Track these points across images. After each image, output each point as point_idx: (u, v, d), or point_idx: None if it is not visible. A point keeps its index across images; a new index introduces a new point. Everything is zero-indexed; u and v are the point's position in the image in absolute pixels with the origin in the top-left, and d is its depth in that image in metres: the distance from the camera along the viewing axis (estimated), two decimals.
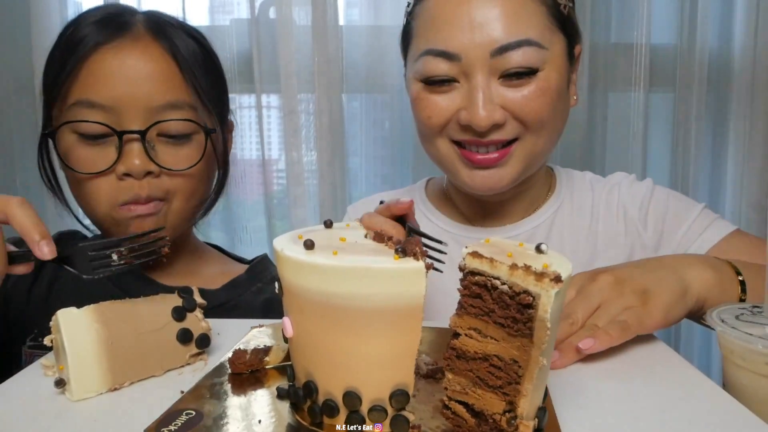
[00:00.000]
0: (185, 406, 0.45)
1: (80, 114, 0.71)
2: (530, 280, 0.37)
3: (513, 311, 0.39)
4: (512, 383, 0.39)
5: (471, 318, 0.41)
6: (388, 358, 0.40)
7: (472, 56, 0.71)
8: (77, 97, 0.71)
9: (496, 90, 0.72)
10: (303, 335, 0.42)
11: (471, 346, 0.41)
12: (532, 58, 0.71)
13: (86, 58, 0.71)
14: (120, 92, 0.71)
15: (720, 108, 1.43)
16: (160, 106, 0.72)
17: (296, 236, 0.44)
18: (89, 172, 0.72)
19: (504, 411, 0.39)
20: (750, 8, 1.34)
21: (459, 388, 0.41)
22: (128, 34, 0.73)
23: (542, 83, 0.72)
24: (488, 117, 0.71)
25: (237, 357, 0.52)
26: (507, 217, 0.87)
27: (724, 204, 1.46)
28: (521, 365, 0.39)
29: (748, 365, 0.51)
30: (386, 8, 1.38)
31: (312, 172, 1.42)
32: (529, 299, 0.37)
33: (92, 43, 0.71)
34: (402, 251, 0.39)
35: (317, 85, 1.35)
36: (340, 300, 0.38)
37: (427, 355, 0.54)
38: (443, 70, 0.73)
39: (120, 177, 0.72)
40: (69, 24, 0.75)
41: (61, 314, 0.49)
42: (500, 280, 0.39)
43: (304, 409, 0.43)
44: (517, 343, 0.39)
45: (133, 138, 0.71)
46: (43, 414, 0.46)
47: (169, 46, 0.75)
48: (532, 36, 0.71)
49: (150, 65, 0.73)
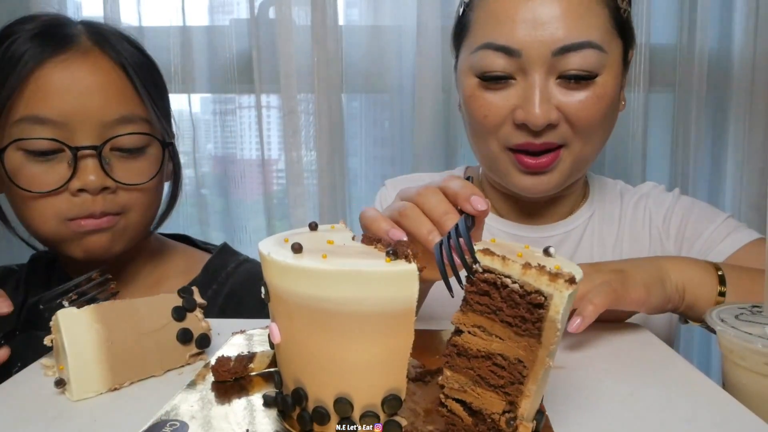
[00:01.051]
0: (169, 417, 0.44)
1: (28, 130, 0.68)
2: (543, 280, 0.37)
3: (522, 310, 0.38)
4: (515, 383, 0.39)
5: (476, 315, 0.41)
6: (380, 362, 0.39)
7: (533, 53, 0.70)
8: (23, 113, 0.69)
9: (553, 90, 0.72)
10: (291, 341, 0.41)
11: (474, 344, 0.41)
12: (592, 62, 0.70)
13: (31, 73, 0.68)
14: (71, 107, 0.69)
15: (720, 108, 1.43)
16: (113, 120, 0.71)
17: (282, 239, 0.43)
18: (41, 191, 0.70)
19: (503, 411, 0.39)
20: (750, 9, 1.34)
21: (457, 386, 0.41)
22: (75, 47, 0.71)
23: (599, 90, 0.72)
24: (544, 115, 0.70)
25: (220, 364, 0.51)
26: (541, 218, 0.88)
27: (724, 204, 1.46)
28: (526, 365, 0.38)
29: (748, 365, 0.51)
30: (386, 8, 1.38)
31: (312, 172, 1.42)
32: (541, 299, 0.37)
33: (38, 58, 0.69)
34: (393, 253, 0.39)
35: (317, 85, 1.35)
36: (330, 304, 0.38)
37: (414, 358, 0.53)
38: (501, 65, 0.72)
39: (74, 193, 0.70)
40: (1, 37, 0.72)
41: (61, 314, 0.49)
42: (511, 279, 0.39)
43: (293, 416, 0.42)
44: (524, 342, 0.39)
45: (88, 154, 0.70)
46: (43, 414, 0.46)
47: (117, 58, 0.73)
48: (595, 38, 0.70)
49: (101, 78, 0.71)
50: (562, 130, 0.73)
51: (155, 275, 0.86)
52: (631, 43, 0.78)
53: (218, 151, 1.48)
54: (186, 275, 0.86)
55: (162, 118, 0.78)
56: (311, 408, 0.41)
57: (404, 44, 1.38)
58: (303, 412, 0.41)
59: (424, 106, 1.36)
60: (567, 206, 0.88)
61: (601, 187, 0.92)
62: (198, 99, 1.46)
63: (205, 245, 0.95)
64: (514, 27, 0.70)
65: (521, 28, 0.70)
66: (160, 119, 0.77)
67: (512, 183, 0.79)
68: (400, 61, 1.39)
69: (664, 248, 0.85)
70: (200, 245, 0.95)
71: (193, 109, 1.41)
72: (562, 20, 0.69)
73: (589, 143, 0.76)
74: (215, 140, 1.48)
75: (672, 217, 0.86)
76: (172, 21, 1.36)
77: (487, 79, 0.74)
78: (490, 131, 0.77)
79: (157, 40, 1.33)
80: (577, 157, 0.76)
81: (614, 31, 0.73)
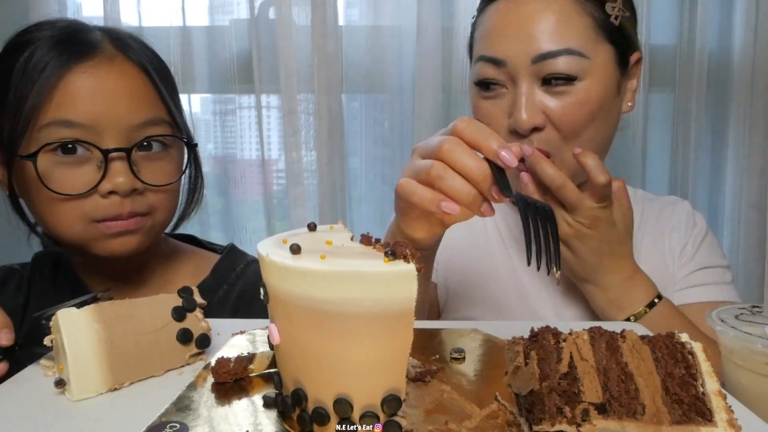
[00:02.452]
0: (169, 419, 0.44)
1: (57, 134, 0.69)
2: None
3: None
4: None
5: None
6: (379, 363, 0.39)
7: (515, 62, 0.76)
8: (52, 117, 0.69)
9: (539, 96, 0.76)
10: (290, 342, 0.41)
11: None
12: (572, 66, 0.74)
13: (59, 79, 0.69)
14: (99, 111, 0.70)
15: (720, 108, 1.43)
16: (140, 123, 0.73)
17: (280, 240, 0.43)
18: (72, 194, 0.70)
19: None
20: (750, 8, 1.34)
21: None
22: (100, 53, 0.72)
23: (581, 95, 0.75)
24: (529, 120, 0.75)
25: (220, 366, 0.50)
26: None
27: (724, 204, 1.46)
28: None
29: (748, 365, 0.51)
30: (386, 8, 1.38)
31: (312, 172, 1.42)
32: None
33: (65, 64, 0.70)
34: (392, 254, 0.38)
35: (317, 85, 1.35)
36: (329, 305, 0.38)
37: (414, 358, 0.53)
38: (492, 74, 0.78)
39: (103, 195, 0.71)
40: (17, 45, 0.73)
41: (61, 314, 0.49)
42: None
43: (293, 417, 0.42)
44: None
45: (118, 156, 0.71)
46: (43, 414, 0.46)
47: (140, 63, 0.75)
48: (573, 45, 0.74)
49: (127, 83, 0.73)
50: (550, 135, 0.77)
51: (166, 276, 0.86)
52: (629, 47, 0.80)
53: (218, 151, 1.48)
54: (195, 276, 0.86)
55: (181, 121, 0.80)
56: (311, 409, 0.41)
57: (404, 44, 1.38)
58: (303, 412, 0.41)
59: (424, 106, 1.36)
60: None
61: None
62: (198, 99, 1.46)
63: (211, 245, 0.95)
64: (500, 40, 0.78)
65: (506, 40, 0.77)
66: (183, 121, 0.80)
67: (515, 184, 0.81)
68: (400, 61, 1.40)
69: (673, 260, 0.88)
70: (207, 246, 0.95)
71: (193, 109, 1.41)
72: (542, 31, 0.75)
73: (577, 146, 0.77)
74: (215, 140, 1.48)
75: (686, 238, 0.89)
76: (172, 21, 1.36)
77: (483, 86, 0.80)
78: None
79: (157, 41, 1.31)
80: (573, 162, 0.77)
81: (599, 38, 0.76)
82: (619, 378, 0.39)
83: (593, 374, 0.39)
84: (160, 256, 0.86)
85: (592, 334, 0.41)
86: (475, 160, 0.54)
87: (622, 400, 0.38)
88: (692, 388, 0.39)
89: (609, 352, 0.40)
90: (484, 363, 0.55)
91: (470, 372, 0.52)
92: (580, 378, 0.38)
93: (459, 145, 0.55)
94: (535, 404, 0.39)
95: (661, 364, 0.40)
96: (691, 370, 0.40)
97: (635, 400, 0.38)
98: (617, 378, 0.39)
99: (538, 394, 0.39)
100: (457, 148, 0.55)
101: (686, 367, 0.40)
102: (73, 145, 0.69)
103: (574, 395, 0.38)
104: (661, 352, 0.41)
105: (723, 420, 0.38)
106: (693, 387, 0.39)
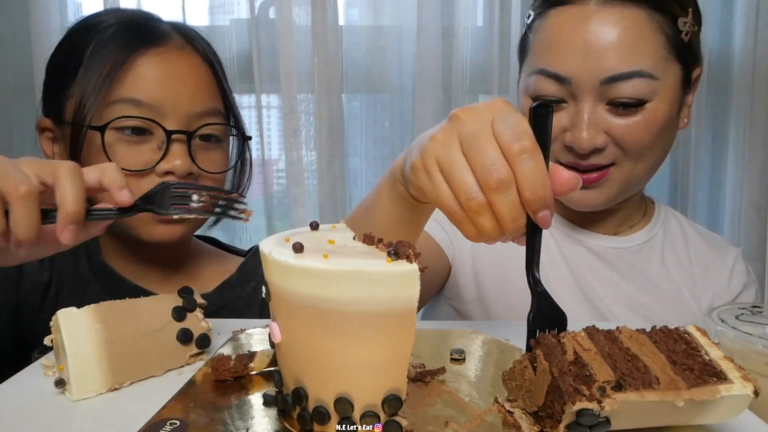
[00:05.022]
0: (169, 416, 0.44)
1: (124, 111, 0.71)
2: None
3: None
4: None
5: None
6: (380, 362, 0.39)
7: (581, 81, 0.71)
8: (120, 95, 0.71)
9: (602, 115, 0.73)
10: (292, 341, 0.41)
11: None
12: (642, 90, 0.71)
13: (131, 60, 0.72)
14: (165, 94, 0.72)
15: (720, 108, 1.43)
16: (200, 112, 0.75)
17: (283, 239, 0.43)
18: (134, 170, 0.71)
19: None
20: (750, 8, 1.34)
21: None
22: (171, 41, 0.76)
23: (649, 115, 0.72)
24: (590, 140, 0.72)
25: (220, 363, 0.50)
26: (595, 226, 0.88)
27: (724, 204, 1.46)
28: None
29: (748, 365, 0.51)
30: (386, 8, 1.38)
31: (312, 172, 1.42)
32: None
33: (137, 47, 0.73)
34: (395, 253, 0.39)
35: (317, 85, 1.35)
36: (331, 304, 0.38)
37: (415, 358, 0.53)
38: (552, 90, 0.74)
39: (160, 175, 0.73)
40: (87, 27, 0.75)
41: (61, 314, 0.49)
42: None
43: (293, 416, 0.42)
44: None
45: (179, 138, 0.73)
46: (43, 414, 0.46)
47: (206, 56, 0.79)
48: (645, 67, 0.70)
49: (194, 72, 0.76)
50: (610, 152, 0.74)
51: (192, 273, 0.87)
52: (695, 63, 0.78)
53: None
54: (221, 275, 0.87)
55: (236, 114, 0.83)
56: (311, 407, 0.41)
57: (404, 44, 1.38)
58: (303, 411, 0.41)
59: (424, 106, 1.36)
60: (621, 218, 0.88)
61: (666, 218, 0.92)
62: None
63: (234, 249, 0.97)
64: (565, 55, 0.72)
65: (571, 56, 0.71)
66: (236, 115, 0.83)
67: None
68: (400, 61, 1.39)
69: (693, 294, 0.86)
70: (230, 249, 0.97)
71: None
72: (612, 49, 0.70)
73: (640, 163, 0.76)
74: None
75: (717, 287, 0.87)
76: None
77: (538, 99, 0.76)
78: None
79: None
80: (628, 175, 0.76)
81: (671, 57, 0.73)
82: (625, 359, 0.40)
83: (600, 359, 0.39)
84: (189, 252, 0.88)
85: (589, 331, 0.42)
86: (517, 214, 0.45)
87: (635, 376, 0.38)
88: (698, 357, 0.40)
89: (609, 342, 0.41)
90: (484, 364, 0.55)
91: (470, 373, 0.52)
92: (589, 363, 0.39)
93: (510, 189, 0.44)
94: (555, 401, 0.38)
95: (661, 345, 0.41)
96: (692, 344, 0.41)
97: (647, 374, 0.38)
98: (623, 359, 0.40)
99: (554, 388, 0.38)
100: (509, 191, 0.44)
101: (686, 343, 0.41)
102: (140, 122, 0.71)
103: (587, 377, 0.38)
104: (658, 337, 0.42)
105: (737, 377, 0.38)
106: (698, 356, 0.40)
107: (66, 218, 0.47)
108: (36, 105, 0.79)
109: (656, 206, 0.94)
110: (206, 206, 0.53)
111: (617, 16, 0.70)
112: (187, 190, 0.53)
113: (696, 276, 0.87)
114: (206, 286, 0.84)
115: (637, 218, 0.91)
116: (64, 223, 0.47)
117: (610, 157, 0.75)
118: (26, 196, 0.45)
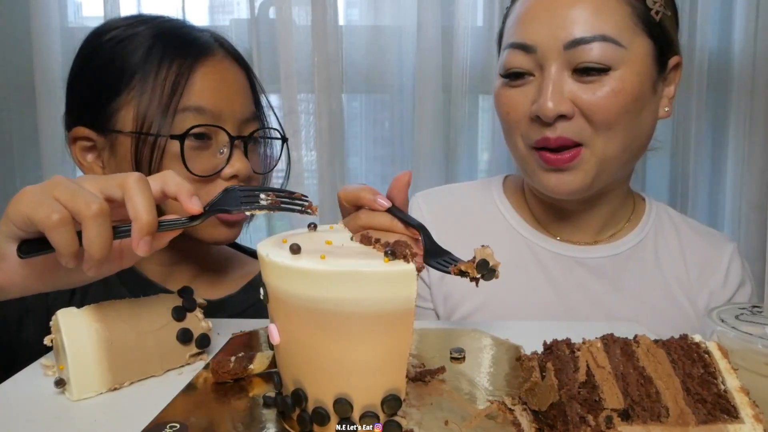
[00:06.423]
0: (169, 419, 0.44)
1: (191, 119, 0.73)
2: None
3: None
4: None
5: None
6: (379, 363, 0.39)
7: (546, 47, 0.73)
8: (186, 103, 0.73)
9: (568, 84, 0.73)
10: (290, 342, 0.41)
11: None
12: (606, 55, 0.71)
13: (192, 71, 0.74)
14: (223, 102, 0.75)
15: (720, 108, 1.43)
16: (247, 118, 0.78)
17: (280, 240, 0.43)
18: (204, 175, 0.73)
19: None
20: (750, 8, 1.34)
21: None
22: (218, 51, 0.78)
23: (616, 84, 0.72)
24: (555, 107, 0.72)
25: (220, 365, 0.50)
26: (580, 230, 0.86)
27: (724, 204, 1.46)
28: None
29: (748, 365, 0.50)
30: (386, 8, 1.38)
31: (312, 172, 1.42)
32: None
33: (198, 57, 0.74)
34: (392, 253, 0.39)
35: (317, 85, 1.35)
36: (329, 305, 0.38)
37: (414, 358, 0.53)
38: (519, 62, 0.75)
39: (226, 180, 0.75)
40: (122, 38, 0.75)
41: (61, 314, 0.49)
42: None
43: (293, 417, 0.42)
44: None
45: (237, 144, 0.76)
46: (43, 414, 0.46)
47: (243, 65, 0.82)
48: (608, 32, 0.71)
49: (239, 80, 0.80)
50: (579, 126, 0.73)
51: (218, 275, 0.88)
52: (670, 49, 0.77)
53: None
54: (245, 276, 0.89)
55: (264, 117, 0.86)
56: (311, 408, 0.41)
57: (404, 44, 1.38)
58: (303, 412, 0.41)
59: (424, 106, 1.36)
60: (604, 219, 0.86)
61: (659, 216, 0.90)
62: None
63: (250, 250, 0.98)
64: (531, 25, 0.75)
65: (537, 25, 0.74)
66: (265, 117, 0.86)
67: (538, 181, 0.79)
68: (400, 61, 1.39)
69: (684, 293, 0.85)
70: (247, 250, 0.98)
71: None
72: (576, 17, 0.72)
73: (612, 142, 0.74)
74: None
75: (712, 287, 0.86)
76: None
77: (509, 76, 0.77)
78: (513, 128, 0.79)
79: None
80: (601, 157, 0.75)
81: (638, 29, 0.73)
82: (638, 382, 0.39)
83: (612, 381, 0.38)
84: (213, 255, 0.89)
85: (606, 342, 0.41)
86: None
87: (645, 404, 0.37)
88: (713, 387, 0.39)
89: (625, 357, 0.40)
90: (484, 363, 0.55)
91: (470, 372, 0.52)
92: (599, 385, 0.38)
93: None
94: (557, 417, 0.38)
95: (678, 365, 0.40)
96: (710, 368, 0.39)
97: (657, 403, 0.37)
98: (636, 382, 0.39)
99: (559, 405, 0.38)
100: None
101: (704, 366, 0.40)
102: (207, 130, 0.73)
103: (595, 403, 0.37)
104: (676, 354, 0.40)
105: (749, 416, 0.37)
106: (714, 385, 0.39)
107: (142, 230, 0.46)
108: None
109: (647, 204, 0.91)
110: (275, 203, 0.54)
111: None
112: (253, 192, 0.54)
113: (691, 276, 0.85)
114: (231, 287, 0.85)
115: (623, 218, 0.88)
116: (140, 235, 0.46)
117: (578, 130, 0.73)
118: (99, 214, 0.45)
